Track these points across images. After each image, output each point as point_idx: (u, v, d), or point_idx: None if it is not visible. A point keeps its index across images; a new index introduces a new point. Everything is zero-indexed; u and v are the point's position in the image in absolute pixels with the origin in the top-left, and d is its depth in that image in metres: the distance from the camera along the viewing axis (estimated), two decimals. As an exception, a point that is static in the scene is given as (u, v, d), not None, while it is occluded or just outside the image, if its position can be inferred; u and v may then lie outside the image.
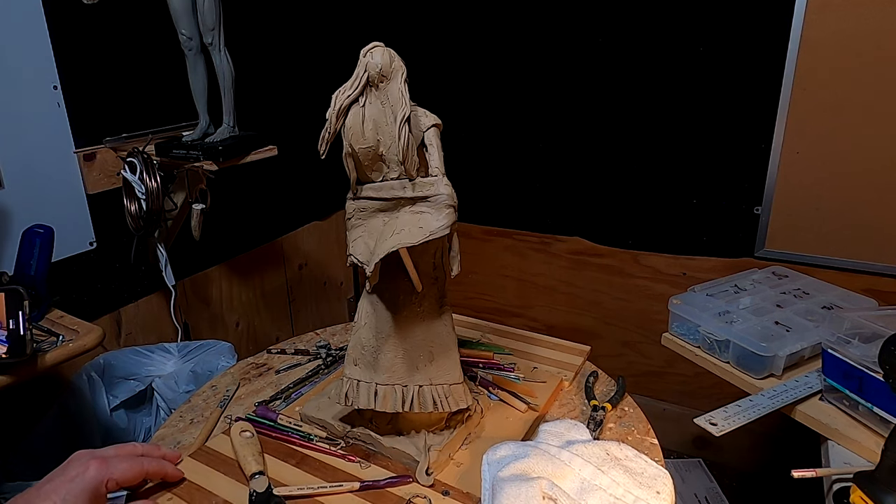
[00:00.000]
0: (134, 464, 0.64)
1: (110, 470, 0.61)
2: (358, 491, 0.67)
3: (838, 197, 1.46)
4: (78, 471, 0.60)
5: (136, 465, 0.64)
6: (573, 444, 0.66)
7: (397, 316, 0.70)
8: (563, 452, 0.64)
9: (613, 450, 0.65)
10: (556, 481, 0.60)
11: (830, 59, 1.39)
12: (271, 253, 1.84)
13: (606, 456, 0.64)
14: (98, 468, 0.60)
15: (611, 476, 0.61)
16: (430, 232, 0.62)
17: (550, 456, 0.63)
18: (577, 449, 0.65)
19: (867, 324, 0.83)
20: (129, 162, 1.22)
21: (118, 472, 0.62)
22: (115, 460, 0.62)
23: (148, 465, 0.65)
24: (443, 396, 0.71)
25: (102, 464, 0.61)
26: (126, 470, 0.63)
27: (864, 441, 0.78)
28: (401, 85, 0.63)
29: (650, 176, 1.71)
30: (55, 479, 0.59)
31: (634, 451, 0.66)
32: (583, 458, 0.63)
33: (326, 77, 1.83)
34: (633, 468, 0.63)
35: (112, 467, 0.61)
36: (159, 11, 1.15)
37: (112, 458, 0.63)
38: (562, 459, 0.63)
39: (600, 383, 0.89)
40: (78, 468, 0.60)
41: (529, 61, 1.79)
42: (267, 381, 0.93)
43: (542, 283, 1.98)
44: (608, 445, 0.66)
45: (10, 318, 0.82)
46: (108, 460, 0.62)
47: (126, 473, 0.63)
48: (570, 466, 0.62)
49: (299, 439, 0.76)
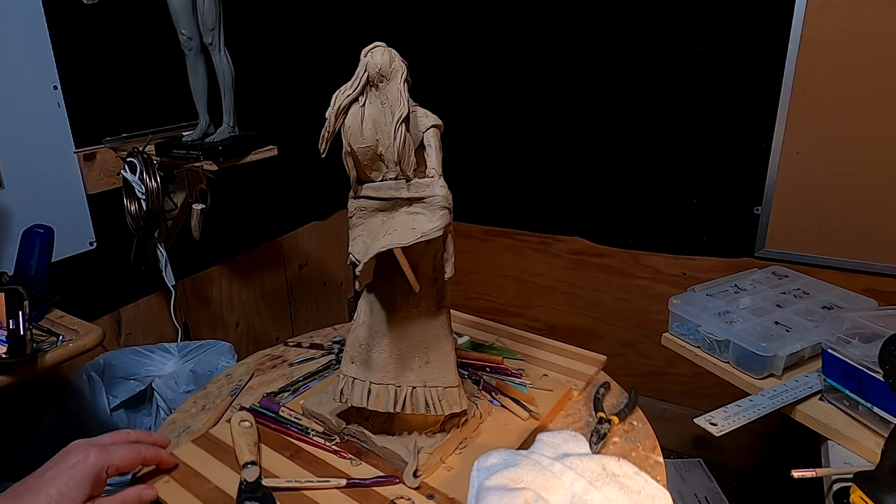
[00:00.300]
0: (132, 450, 0.65)
1: (110, 457, 0.62)
2: (344, 488, 0.68)
3: (838, 197, 1.46)
4: (78, 458, 0.61)
5: (133, 452, 0.65)
6: (568, 457, 0.63)
7: (394, 316, 0.70)
8: (555, 464, 0.61)
9: (611, 465, 0.62)
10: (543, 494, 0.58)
11: (830, 59, 1.39)
12: (271, 253, 1.84)
13: (602, 471, 0.61)
14: (98, 455, 0.61)
15: (604, 492, 0.59)
16: (422, 233, 0.62)
17: (542, 467, 0.61)
18: (571, 462, 0.62)
19: (867, 324, 0.83)
20: (129, 162, 1.22)
21: (117, 458, 0.63)
22: (113, 447, 0.64)
23: (145, 451, 0.67)
24: (436, 399, 0.70)
25: (102, 451, 0.62)
26: (125, 456, 0.64)
27: (864, 441, 0.78)
28: (400, 85, 0.62)
29: (650, 176, 1.71)
30: (56, 467, 0.60)
31: (635, 468, 0.62)
32: (576, 471, 0.61)
33: (326, 77, 1.83)
34: (631, 486, 0.60)
35: (111, 454, 0.63)
36: (159, 11, 1.15)
37: (111, 446, 0.64)
38: (553, 472, 0.61)
39: (611, 395, 0.86)
40: (78, 455, 0.61)
41: (529, 61, 1.79)
42: (280, 373, 0.95)
43: (542, 283, 1.98)
44: (606, 460, 0.63)
45: (10, 318, 0.82)
46: (107, 448, 0.63)
47: (125, 459, 0.64)
48: (561, 479, 0.60)
49: (297, 432, 0.77)
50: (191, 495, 0.67)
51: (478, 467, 0.64)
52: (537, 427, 0.77)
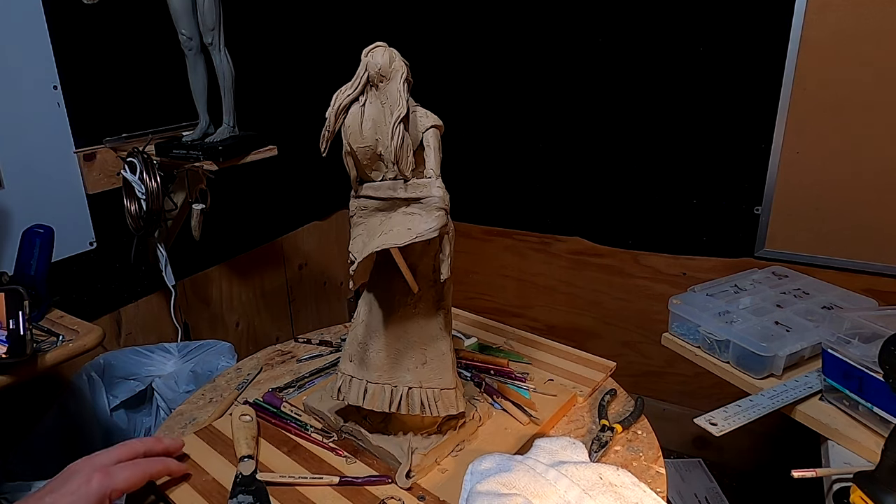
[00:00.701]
0: (136, 471, 0.63)
1: (113, 481, 0.61)
2: (336, 485, 0.68)
3: (838, 197, 1.46)
4: (79, 483, 0.59)
5: (137, 472, 0.64)
6: (565, 465, 0.61)
7: (392, 316, 0.70)
8: (550, 471, 0.60)
9: (609, 474, 0.60)
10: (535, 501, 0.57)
11: (830, 59, 1.39)
12: (271, 253, 1.84)
13: (599, 480, 0.59)
14: (101, 481, 0.60)
15: (598, 502, 0.57)
16: (418, 234, 0.61)
17: (536, 473, 0.60)
18: (567, 469, 0.60)
19: (867, 324, 0.83)
20: (129, 162, 1.22)
21: (120, 481, 0.61)
22: (116, 469, 0.62)
23: (150, 467, 0.65)
24: (432, 400, 0.70)
25: (105, 475, 0.60)
26: (128, 478, 0.62)
27: (864, 441, 0.78)
28: (400, 85, 0.62)
29: (650, 176, 1.71)
30: (56, 492, 0.58)
31: (634, 478, 0.60)
32: (571, 479, 0.59)
33: (326, 77, 1.83)
34: (628, 497, 0.58)
35: (114, 478, 0.61)
36: (159, 11, 1.15)
37: (114, 468, 0.62)
38: (547, 478, 0.59)
39: (617, 402, 0.84)
40: (79, 480, 0.59)
41: (530, 61, 1.79)
42: (287, 369, 0.96)
43: (542, 283, 1.98)
44: (604, 469, 0.61)
45: (10, 318, 0.82)
46: (110, 471, 0.61)
47: (128, 481, 0.62)
48: (555, 487, 0.58)
49: (296, 428, 0.78)
50: (188, 486, 0.69)
51: (471, 471, 0.63)
52: (537, 432, 0.76)
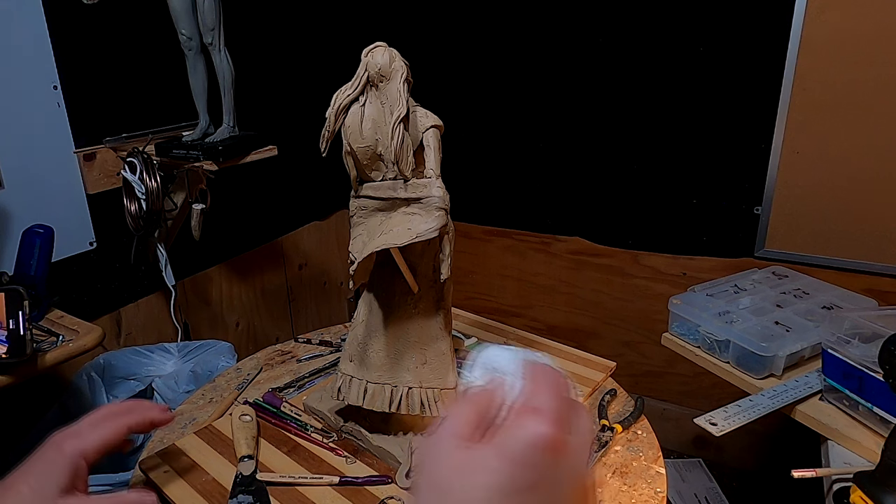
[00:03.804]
0: (106, 428, 0.60)
1: (83, 442, 0.58)
2: (336, 485, 0.68)
3: (838, 197, 1.46)
4: (52, 453, 0.57)
5: (109, 428, 0.60)
6: None
7: (392, 316, 0.70)
8: None
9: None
10: None
11: (830, 59, 1.39)
12: (271, 253, 1.84)
13: None
14: (72, 444, 0.58)
15: None
16: (417, 234, 0.61)
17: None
18: None
19: (867, 324, 0.83)
20: (129, 162, 1.22)
21: (91, 441, 0.59)
22: (86, 430, 0.59)
23: (126, 420, 0.61)
24: (432, 400, 0.70)
25: (75, 438, 0.58)
26: (100, 437, 0.59)
27: (864, 441, 0.78)
28: (400, 85, 0.62)
29: (650, 176, 1.71)
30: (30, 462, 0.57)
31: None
32: None
33: (326, 77, 1.83)
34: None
35: (84, 439, 0.58)
36: (159, 11, 1.15)
37: (85, 429, 0.60)
38: None
39: (617, 402, 0.84)
40: (52, 450, 0.58)
41: (530, 61, 1.79)
42: (287, 369, 0.96)
43: (542, 283, 1.97)
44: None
45: (10, 318, 0.82)
46: (81, 432, 0.59)
47: (102, 440, 0.59)
48: None
49: (296, 428, 0.78)
50: (188, 486, 0.68)
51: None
52: None
